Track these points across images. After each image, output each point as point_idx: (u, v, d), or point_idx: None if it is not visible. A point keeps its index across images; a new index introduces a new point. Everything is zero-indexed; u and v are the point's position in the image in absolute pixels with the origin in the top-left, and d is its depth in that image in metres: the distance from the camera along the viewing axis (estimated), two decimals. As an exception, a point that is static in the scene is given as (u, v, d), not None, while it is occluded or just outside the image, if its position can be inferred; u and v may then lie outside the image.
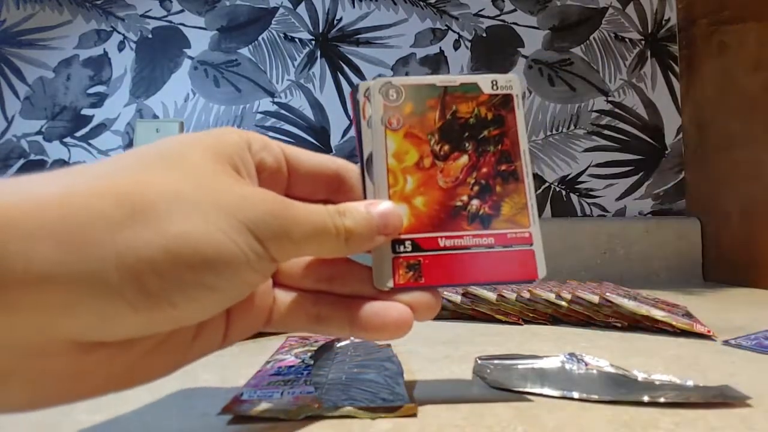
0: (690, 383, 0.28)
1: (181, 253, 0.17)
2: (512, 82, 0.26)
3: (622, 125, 0.93)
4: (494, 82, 0.26)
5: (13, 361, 0.16)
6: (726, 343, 0.39)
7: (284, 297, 0.24)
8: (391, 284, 0.24)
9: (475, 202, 0.25)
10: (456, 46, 0.94)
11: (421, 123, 0.25)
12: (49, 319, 0.16)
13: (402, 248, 0.24)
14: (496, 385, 0.28)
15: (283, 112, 0.93)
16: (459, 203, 0.25)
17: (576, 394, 0.27)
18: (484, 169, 0.25)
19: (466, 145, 0.25)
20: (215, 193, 0.19)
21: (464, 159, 0.25)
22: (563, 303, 0.48)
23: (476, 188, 0.25)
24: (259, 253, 0.19)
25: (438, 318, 0.52)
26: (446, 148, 0.25)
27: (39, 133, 0.91)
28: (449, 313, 0.52)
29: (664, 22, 0.95)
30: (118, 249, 0.16)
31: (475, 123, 0.26)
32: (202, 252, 0.17)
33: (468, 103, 0.26)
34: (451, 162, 0.25)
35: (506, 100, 0.26)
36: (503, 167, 0.25)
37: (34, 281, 0.15)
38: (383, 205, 0.24)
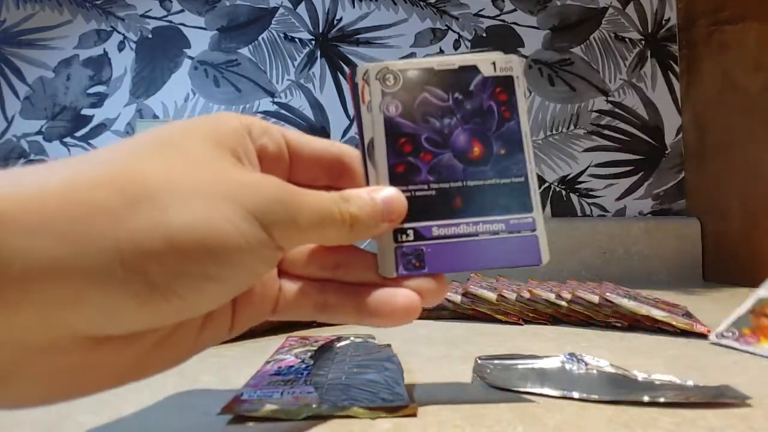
0: (690, 383, 0.28)
1: (185, 244, 0.17)
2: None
3: (622, 125, 0.93)
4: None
5: (22, 357, 0.16)
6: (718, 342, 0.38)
7: (290, 285, 0.24)
8: (393, 273, 0.24)
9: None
10: (456, 46, 0.94)
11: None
12: (55, 315, 0.15)
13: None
14: (496, 385, 0.28)
15: (283, 112, 0.93)
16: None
17: (576, 394, 0.27)
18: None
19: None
20: (218, 181, 0.18)
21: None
22: (563, 303, 0.48)
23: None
24: (264, 242, 0.19)
25: (438, 318, 0.52)
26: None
27: (39, 133, 0.91)
28: (449, 313, 0.52)
29: (664, 22, 0.95)
30: (121, 241, 0.16)
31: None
32: (206, 242, 0.17)
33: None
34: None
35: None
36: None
37: (36, 278, 0.15)
38: (387, 191, 0.23)
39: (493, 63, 0.26)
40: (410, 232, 0.24)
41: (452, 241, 0.24)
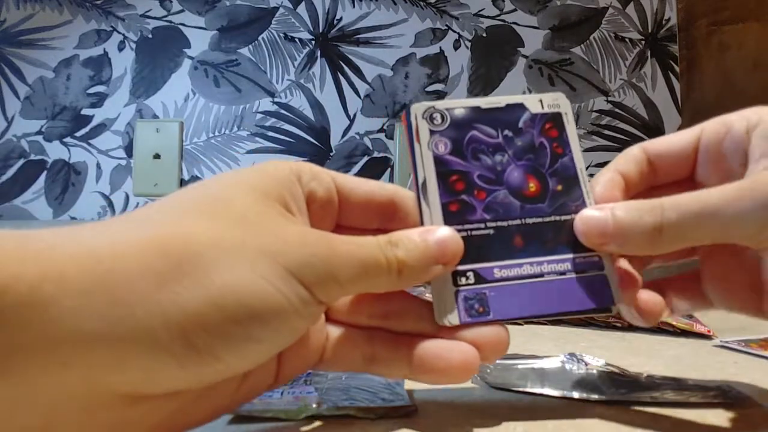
0: (690, 383, 0.28)
1: (227, 307, 0.17)
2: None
3: (622, 125, 0.93)
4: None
5: (63, 413, 0.16)
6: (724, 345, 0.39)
7: (337, 334, 0.23)
8: (455, 320, 0.22)
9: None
10: (456, 46, 0.94)
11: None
12: (97, 375, 0.15)
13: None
14: (496, 385, 0.28)
15: (283, 112, 0.93)
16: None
17: (576, 394, 0.27)
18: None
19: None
20: (259, 237, 0.18)
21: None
22: (563, 303, 0.47)
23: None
24: (305, 299, 0.18)
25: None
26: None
27: (39, 133, 0.91)
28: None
29: (664, 22, 0.95)
30: (165, 304, 0.16)
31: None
32: (248, 304, 0.17)
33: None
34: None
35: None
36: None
37: (85, 338, 0.15)
38: (440, 232, 0.22)
39: (540, 100, 0.25)
40: (470, 274, 0.22)
41: (516, 283, 0.23)
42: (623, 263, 0.24)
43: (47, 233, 0.16)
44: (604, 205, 0.23)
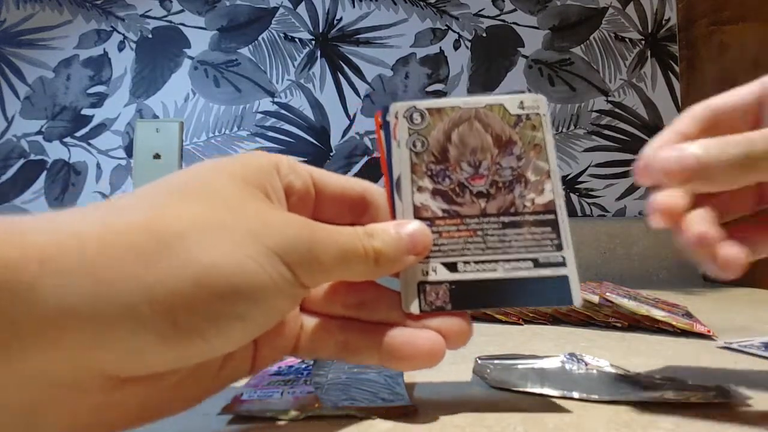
0: (690, 383, 0.28)
1: (212, 284, 0.17)
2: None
3: (622, 125, 0.93)
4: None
5: (49, 394, 0.16)
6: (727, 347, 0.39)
7: (312, 323, 0.24)
8: (416, 309, 0.23)
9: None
10: (456, 46, 0.94)
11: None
12: (84, 355, 0.16)
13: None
14: (496, 385, 0.28)
15: (283, 112, 0.93)
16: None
17: (576, 394, 0.27)
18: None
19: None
20: (243, 220, 0.19)
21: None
22: (563, 303, 0.48)
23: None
24: (289, 280, 0.19)
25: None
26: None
27: (39, 133, 0.91)
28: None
29: (664, 22, 0.96)
30: (150, 283, 0.16)
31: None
32: (232, 281, 0.17)
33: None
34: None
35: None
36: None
37: (71, 318, 0.15)
38: (412, 225, 0.23)
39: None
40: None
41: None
42: (696, 219, 0.24)
43: (27, 219, 0.16)
44: (678, 145, 0.24)
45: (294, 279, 0.19)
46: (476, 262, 0.24)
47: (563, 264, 0.24)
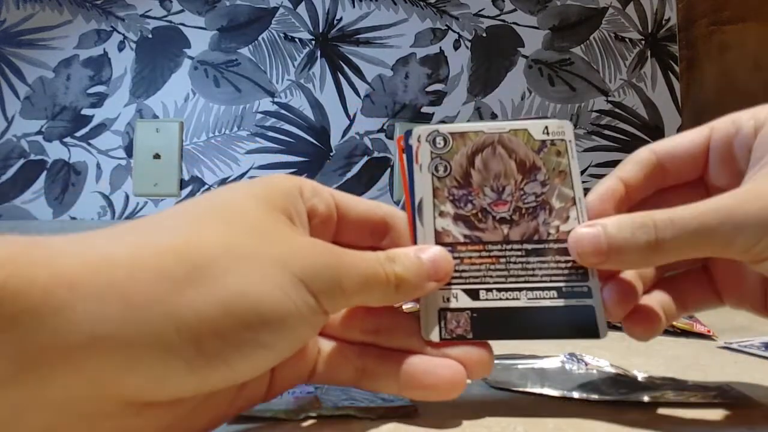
0: (690, 383, 0.28)
1: (240, 312, 0.17)
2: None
3: (622, 125, 0.93)
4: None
5: (70, 419, 0.16)
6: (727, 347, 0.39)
7: (329, 348, 0.24)
8: (436, 337, 0.23)
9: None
10: (456, 46, 0.94)
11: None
12: (108, 379, 0.15)
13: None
14: (496, 385, 0.28)
15: (283, 112, 0.93)
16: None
17: (576, 394, 0.27)
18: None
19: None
20: (270, 247, 0.19)
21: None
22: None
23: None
24: (312, 307, 0.19)
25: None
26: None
27: (39, 133, 0.91)
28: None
29: (664, 22, 0.96)
30: (179, 309, 0.16)
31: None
32: (260, 310, 0.17)
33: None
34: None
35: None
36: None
37: (100, 342, 0.15)
38: (433, 250, 0.23)
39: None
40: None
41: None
42: (629, 274, 0.24)
43: (56, 240, 0.16)
44: (595, 221, 0.23)
45: (317, 306, 0.19)
46: (498, 290, 0.23)
47: (588, 294, 0.23)
